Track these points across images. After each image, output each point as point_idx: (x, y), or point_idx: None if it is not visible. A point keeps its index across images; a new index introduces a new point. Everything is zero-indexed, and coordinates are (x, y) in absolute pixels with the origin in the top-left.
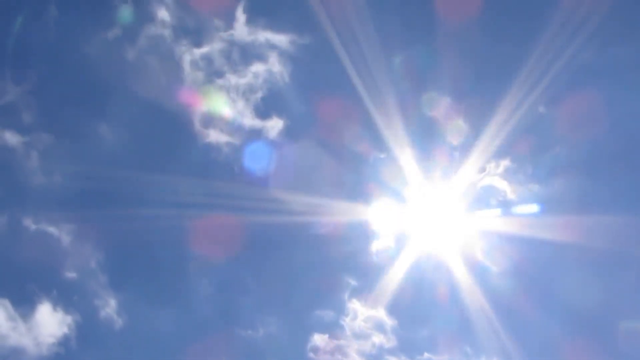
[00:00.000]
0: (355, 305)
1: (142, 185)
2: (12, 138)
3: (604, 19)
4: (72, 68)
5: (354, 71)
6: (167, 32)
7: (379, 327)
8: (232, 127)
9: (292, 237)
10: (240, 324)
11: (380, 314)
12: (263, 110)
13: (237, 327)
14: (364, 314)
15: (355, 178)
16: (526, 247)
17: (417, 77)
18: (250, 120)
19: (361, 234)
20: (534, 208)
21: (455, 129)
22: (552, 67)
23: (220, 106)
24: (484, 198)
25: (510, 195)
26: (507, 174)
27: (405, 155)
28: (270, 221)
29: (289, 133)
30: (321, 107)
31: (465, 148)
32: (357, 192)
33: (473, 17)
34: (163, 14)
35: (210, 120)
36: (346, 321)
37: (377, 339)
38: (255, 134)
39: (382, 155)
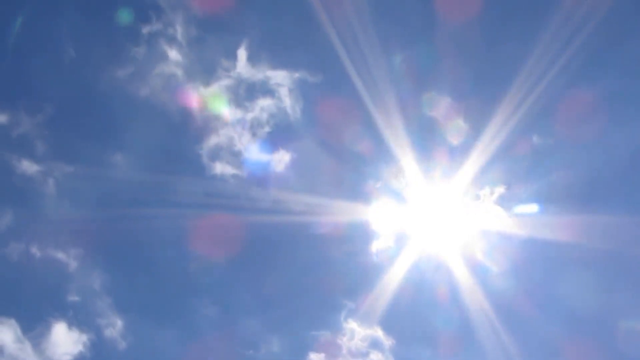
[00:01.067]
0: (351, 325)
1: (153, 217)
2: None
3: (604, 19)
4: (86, 102)
5: (354, 71)
6: (177, 71)
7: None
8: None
9: (292, 237)
10: (241, 342)
11: (378, 332)
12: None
13: (238, 347)
14: (361, 333)
15: (355, 178)
16: (526, 247)
17: (417, 77)
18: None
19: (361, 234)
20: (534, 208)
21: (455, 129)
22: (552, 67)
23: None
24: (484, 198)
25: (510, 195)
26: (507, 174)
27: (405, 155)
28: (270, 221)
29: (290, 133)
30: (321, 107)
31: (465, 148)
32: (357, 192)
33: (473, 17)
34: (174, 54)
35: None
36: (343, 340)
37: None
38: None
39: (382, 155)
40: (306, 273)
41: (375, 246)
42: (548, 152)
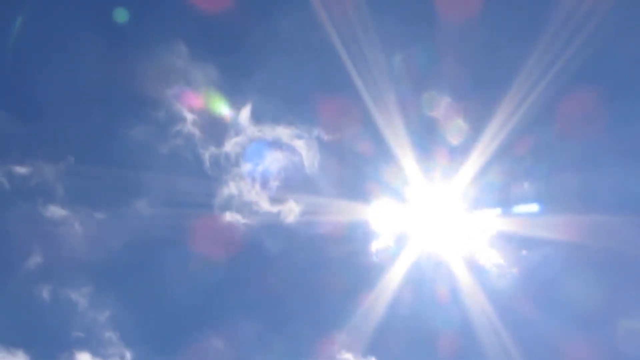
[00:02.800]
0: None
1: (169, 261)
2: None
3: (604, 19)
4: (107, 154)
5: (354, 71)
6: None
7: None
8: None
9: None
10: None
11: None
12: None
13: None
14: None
15: (355, 178)
16: (527, 247)
17: (417, 77)
18: None
19: (361, 233)
20: (534, 207)
21: (455, 129)
22: (552, 67)
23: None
24: (484, 197)
25: (511, 195)
26: (507, 174)
27: (405, 155)
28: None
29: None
30: (321, 106)
31: (465, 148)
32: (357, 191)
33: (473, 16)
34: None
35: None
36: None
37: None
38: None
39: (382, 155)
40: (306, 273)
41: (375, 246)
42: (548, 152)
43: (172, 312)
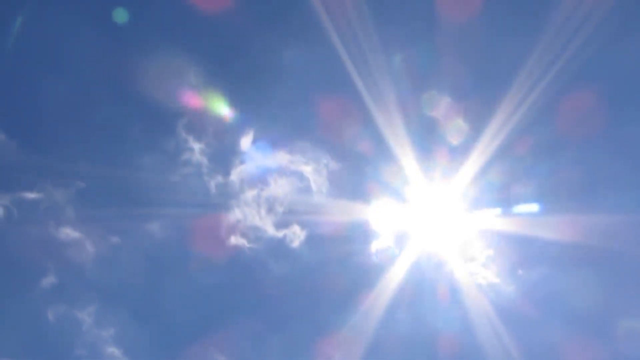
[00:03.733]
0: None
1: (172, 281)
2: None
3: (604, 19)
4: (119, 179)
5: (354, 70)
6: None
7: None
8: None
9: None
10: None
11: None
12: None
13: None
14: None
15: (355, 177)
16: (527, 247)
17: (418, 77)
18: None
19: (361, 233)
20: (534, 207)
21: (455, 129)
22: (552, 66)
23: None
24: (484, 197)
25: (511, 195)
26: (507, 174)
27: (405, 155)
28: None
29: (287, 129)
30: (322, 106)
31: (465, 148)
32: (357, 191)
33: (473, 17)
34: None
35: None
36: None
37: None
38: None
39: (382, 155)
40: (306, 272)
41: (375, 246)
42: (548, 152)
43: (179, 333)
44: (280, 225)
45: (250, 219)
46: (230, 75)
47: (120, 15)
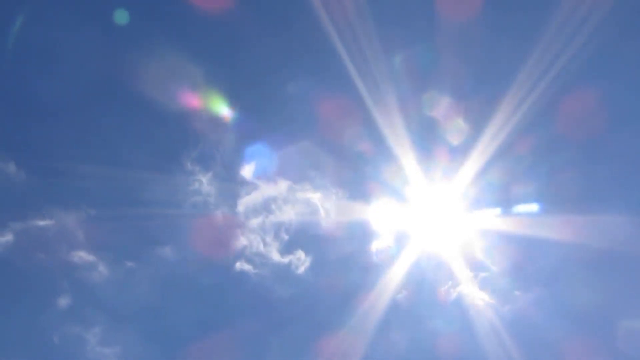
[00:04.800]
0: None
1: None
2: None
3: (604, 19)
4: (134, 219)
5: (355, 70)
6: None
7: None
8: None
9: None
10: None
11: None
12: None
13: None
14: None
15: (356, 177)
16: (526, 246)
17: (418, 77)
18: None
19: (361, 233)
20: (534, 207)
21: (455, 129)
22: (552, 67)
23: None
24: (484, 197)
25: (511, 195)
26: (507, 174)
27: (405, 155)
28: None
29: (289, 131)
30: (322, 106)
31: (465, 148)
32: (358, 191)
33: (473, 16)
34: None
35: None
36: None
37: None
38: None
39: (382, 155)
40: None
41: (375, 246)
42: (548, 152)
43: (186, 354)
44: (286, 251)
45: (255, 245)
46: (229, 76)
47: (121, 16)
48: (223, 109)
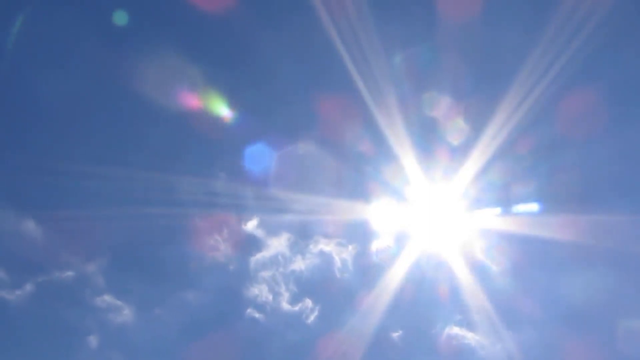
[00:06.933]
0: None
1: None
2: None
3: (604, 19)
4: (150, 263)
5: (355, 70)
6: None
7: None
8: None
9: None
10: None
11: None
12: None
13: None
14: None
15: (356, 177)
16: (527, 246)
17: (418, 77)
18: None
19: (361, 233)
20: (534, 207)
21: (456, 128)
22: (552, 66)
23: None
24: (484, 197)
25: (511, 195)
26: (507, 174)
27: (405, 155)
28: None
29: (288, 130)
30: (322, 106)
31: (466, 148)
32: (358, 191)
33: (473, 16)
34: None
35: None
36: None
37: None
38: None
39: (383, 155)
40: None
41: (376, 246)
42: (548, 152)
43: None
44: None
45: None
46: (229, 76)
47: (121, 16)
48: (223, 109)
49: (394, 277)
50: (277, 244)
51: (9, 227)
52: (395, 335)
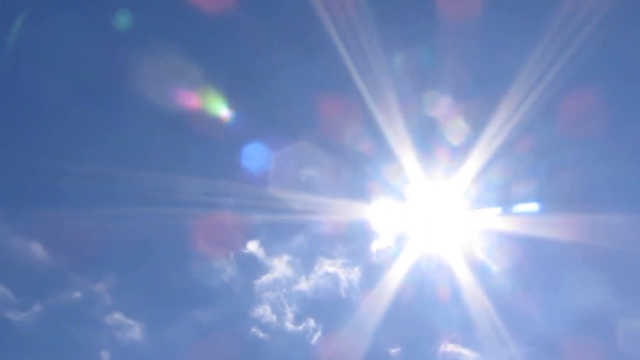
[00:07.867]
0: None
1: None
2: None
3: (604, 19)
4: (156, 283)
5: (355, 70)
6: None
7: None
8: None
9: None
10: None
11: None
12: None
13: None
14: None
15: (356, 177)
16: (527, 246)
17: (418, 77)
18: None
19: (361, 233)
20: (534, 207)
21: (456, 128)
22: (552, 67)
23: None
24: (484, 197)
25: (511, 194)
26: (507, 173)
27: (406, 155)
28: (271, 220)
29: (288, 128)
30: (322, 106)
31: (466, 148)
32: (358, 191)
33: (474, 17)
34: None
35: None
36: None
37: None
38: None
39: (383, 155)
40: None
41: (376, 246)
42: (548, 152)
43: None
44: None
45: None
46: (229, 76)
47: (121, 16)
48: (221, 109)
49: (393, 280)
50: (280, 265)
51: (13, 245)
52: (394, 351)
